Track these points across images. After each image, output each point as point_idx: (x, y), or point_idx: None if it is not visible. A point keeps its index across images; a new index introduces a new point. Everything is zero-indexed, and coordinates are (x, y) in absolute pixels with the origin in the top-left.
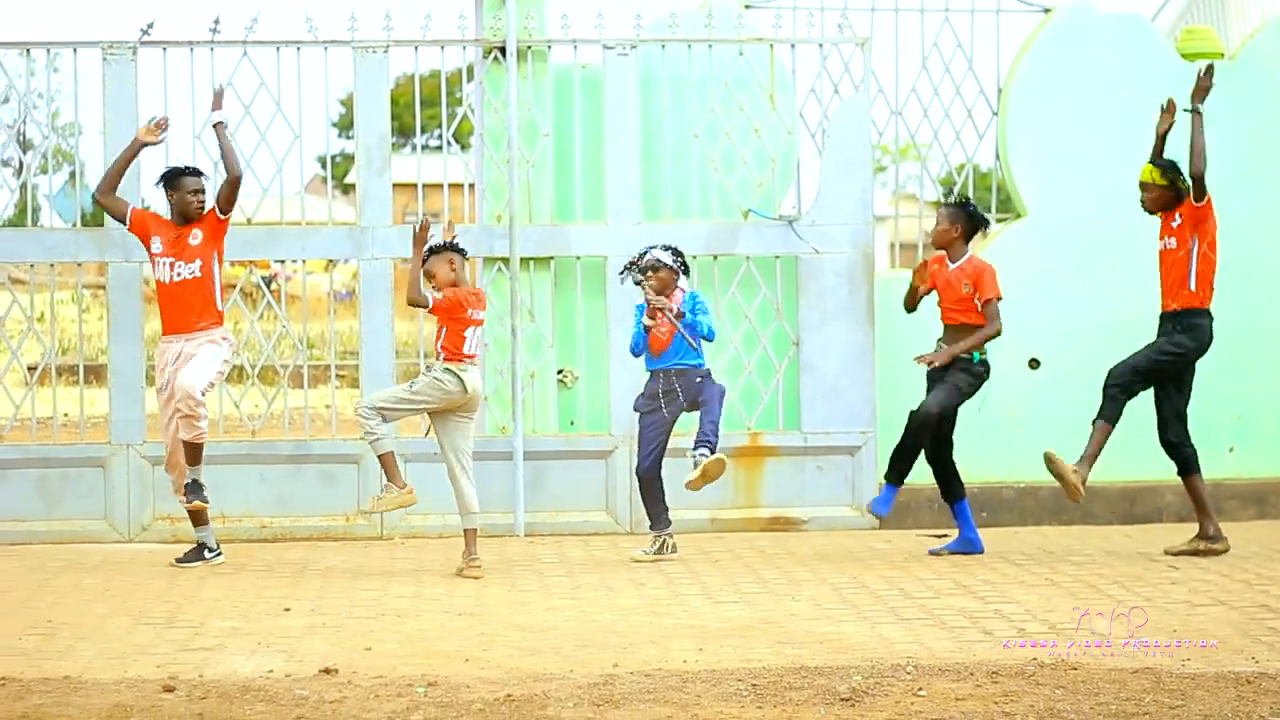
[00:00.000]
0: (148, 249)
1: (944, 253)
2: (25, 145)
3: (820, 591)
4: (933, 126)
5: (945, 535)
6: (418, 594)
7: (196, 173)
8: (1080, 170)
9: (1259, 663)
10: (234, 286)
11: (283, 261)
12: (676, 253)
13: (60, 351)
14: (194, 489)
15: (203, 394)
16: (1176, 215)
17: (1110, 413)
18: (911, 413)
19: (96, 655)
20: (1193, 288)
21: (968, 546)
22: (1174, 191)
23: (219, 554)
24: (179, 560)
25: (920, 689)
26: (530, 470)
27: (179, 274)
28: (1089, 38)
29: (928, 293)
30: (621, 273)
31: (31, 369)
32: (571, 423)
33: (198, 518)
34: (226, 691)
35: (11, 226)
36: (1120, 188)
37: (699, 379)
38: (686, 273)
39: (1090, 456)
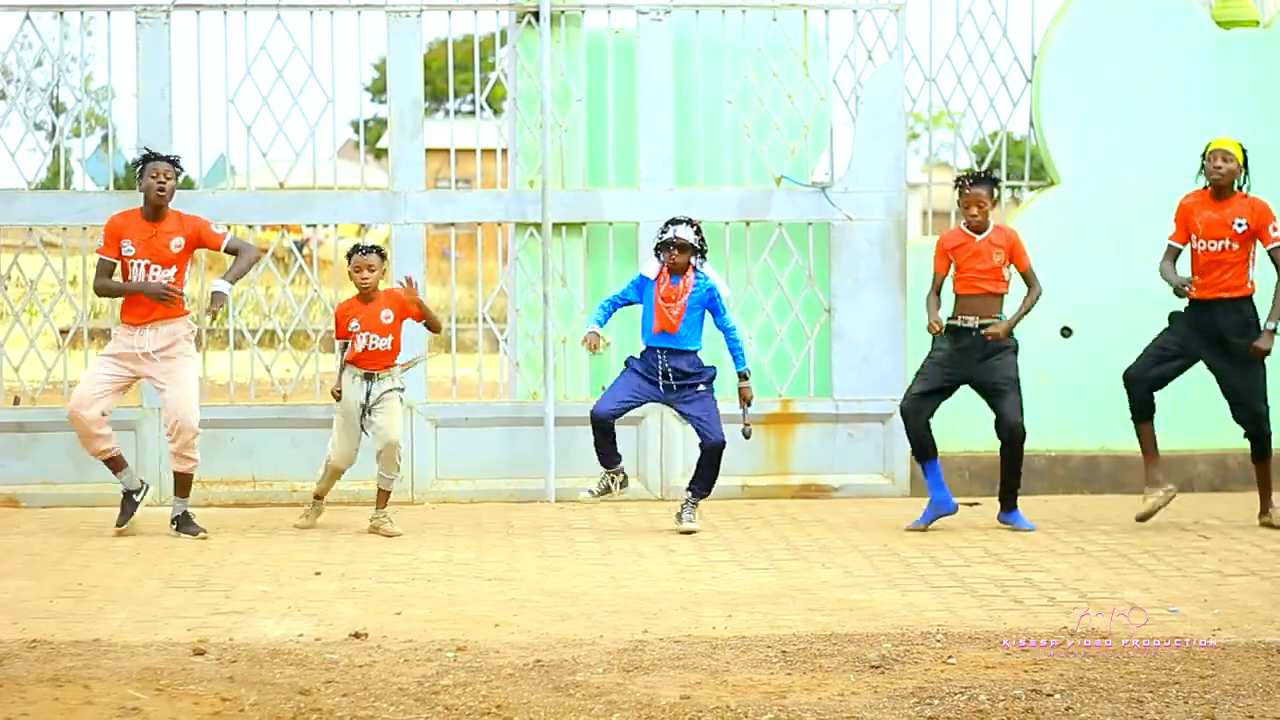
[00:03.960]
0: (116, 254)
1: (960, 226)
2: (58, 108)
3: (851, 559)
4: (966, 94)
5: (977, 503)
6: (448, 559)
7: (169, 160)
8: (1114, 138)
9: None
10: (266, 250)
11: (315, 226)
12: (699, 231)
13: (92, 315)
14: (185, 522)
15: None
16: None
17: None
18: (1008, 428)
19: (127, 618)
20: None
21: (937, 510)
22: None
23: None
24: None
25: (950, 657)
26: (561, 436)
27: (154, 277)
28: (1124, 4)
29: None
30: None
31: (64, 332)
32: (603, 388)
33: (116, 464)
34: (256, 655)
35: (44, 189)
36: (1154, 156)
37: (694, 376)
38: (704, 254)
39: None
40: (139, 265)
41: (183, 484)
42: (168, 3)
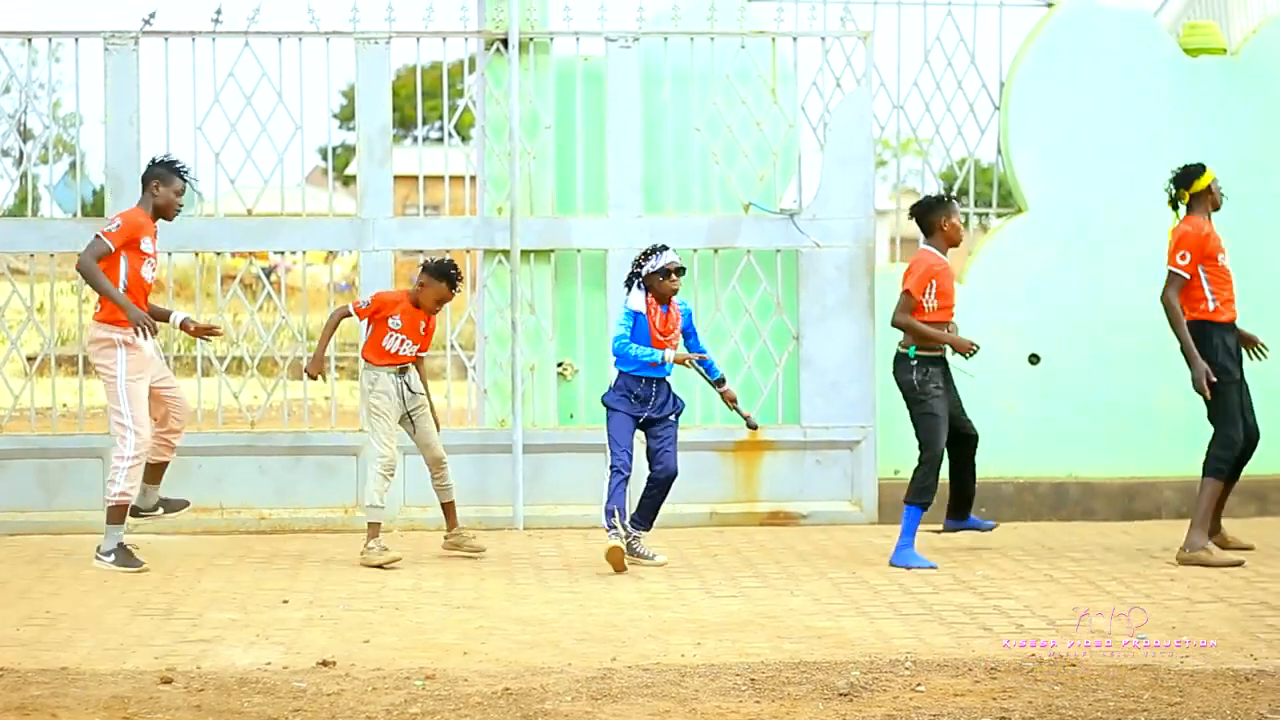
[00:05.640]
0: (136, 248)
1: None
2: (26, 135)
3: (819, 586)
4: (934, 121)
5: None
6: (416, 586)
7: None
8: (1082, 166)
9: (1258, 660)
10: (234, 278)
11: (282, 253)
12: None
13: (59, 342)
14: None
15: None
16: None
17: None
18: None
19: (95, 646)
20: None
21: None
22: None
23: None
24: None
25: (919, 684)
26: (529, 463)
27: (155, 275)
28: (1092, 32)
29: None
30: (640, 276)
31: (31, 359)
32: (571, 416)
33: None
34: (224, 683)
35: (12, 216)
36: (1121, 183)
37: (670, 406)
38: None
39: None
40: (151, 264)
41: (159, 472)
42: (136, 30)
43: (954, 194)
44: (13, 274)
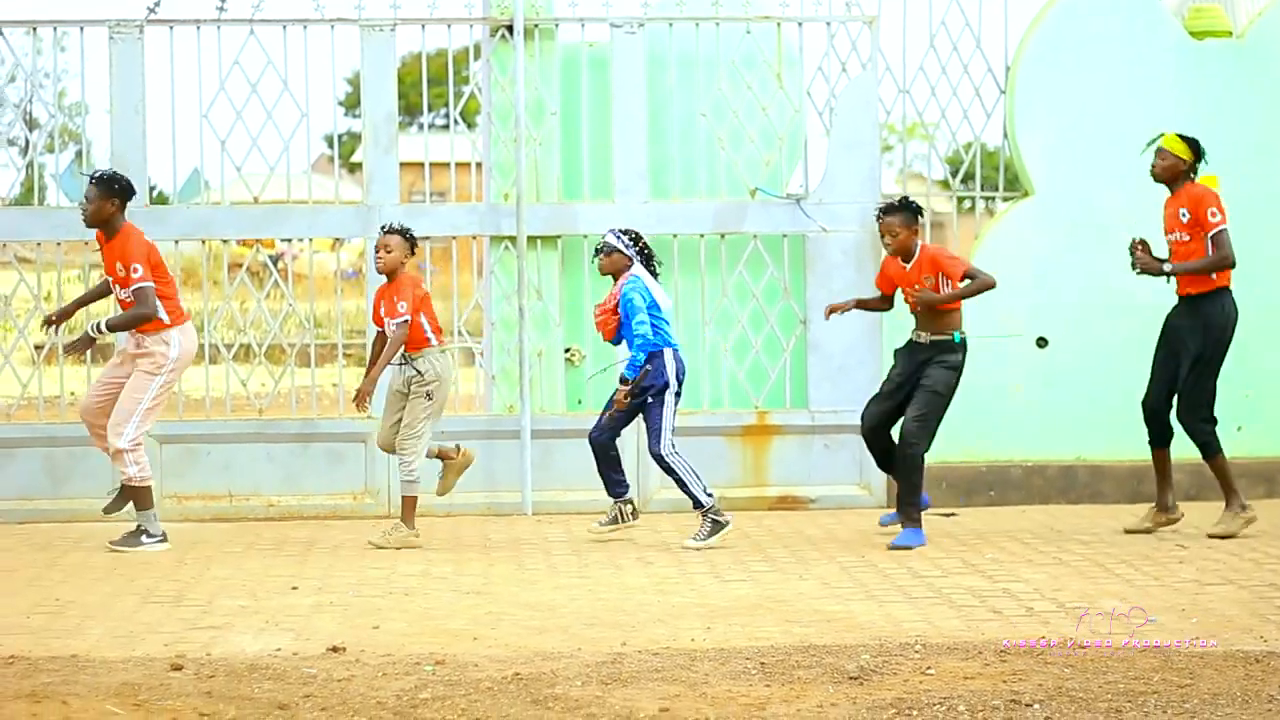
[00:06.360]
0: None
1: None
2: (32, 124)
3: (828, 570)
4: (940, 105)
5: (953, 513)
6: (425, 572)
7: (90, 179)
8: (1088, 149)
9: (1267, 641)
10: (240, 265)
11: (289, 240)
12: (634, 237)
13: (67, 330)
14: (128, 538)
15: None
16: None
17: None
18: (905, 428)
19: (104, 634)
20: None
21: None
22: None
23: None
24: (115, 543)
25: (928, 668)
26: (538, 449)
27: (119, 294)
28: (1097, 16)
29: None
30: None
31: (38, 348)
32: (579, 401)
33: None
34: (234, 670)
35: (18, 205)
36: (1127, 167)
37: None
38: (647, 259)
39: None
40: (109, 280)
41: (120, 494)
42: (141, 18)
43: (901, 196)
44: (20, 262)
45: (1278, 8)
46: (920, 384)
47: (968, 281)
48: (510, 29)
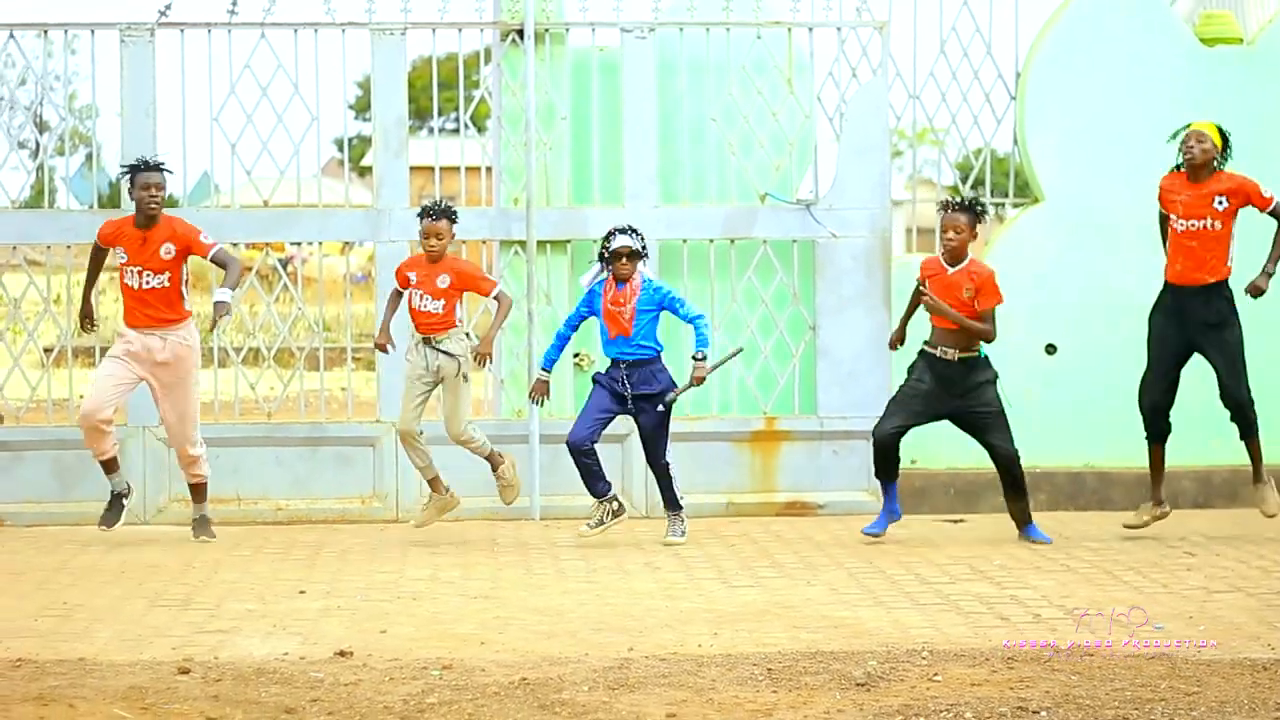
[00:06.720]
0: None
1: (939, 255)
2: (42, 127)
3: (836, 576)
4: (950, 111)
5: (962, 520)
6: (433, 576)
7: (156, 168)
8: (1098, 155)
9: (1275, 649)
10: (250, 269)
11: (299, 244)
12: (641, 237)
13: (76, 333)
14: (200, 526)
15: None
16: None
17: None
18: (1004, 460)
19: (112, 637)
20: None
21: (891, 518)
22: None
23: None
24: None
25: (936, 674)
26: (546, 453)
27: (147, 283)
28: (1108, 22)
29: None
30: (602, 266)
31: (48, 350)
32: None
33: (111, 466)
34: (242, 674)
35: (28, 208)
36: (1138, 173)
37: (655, 398)
38: (644, 257)
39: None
40: (133, 271)
41: (194, 492)
42: (152, 21)
43: (969, 195)
44: (30, 265)
45: None
46: (979, 412)
47: (983, 321)
48: (521, 33)
